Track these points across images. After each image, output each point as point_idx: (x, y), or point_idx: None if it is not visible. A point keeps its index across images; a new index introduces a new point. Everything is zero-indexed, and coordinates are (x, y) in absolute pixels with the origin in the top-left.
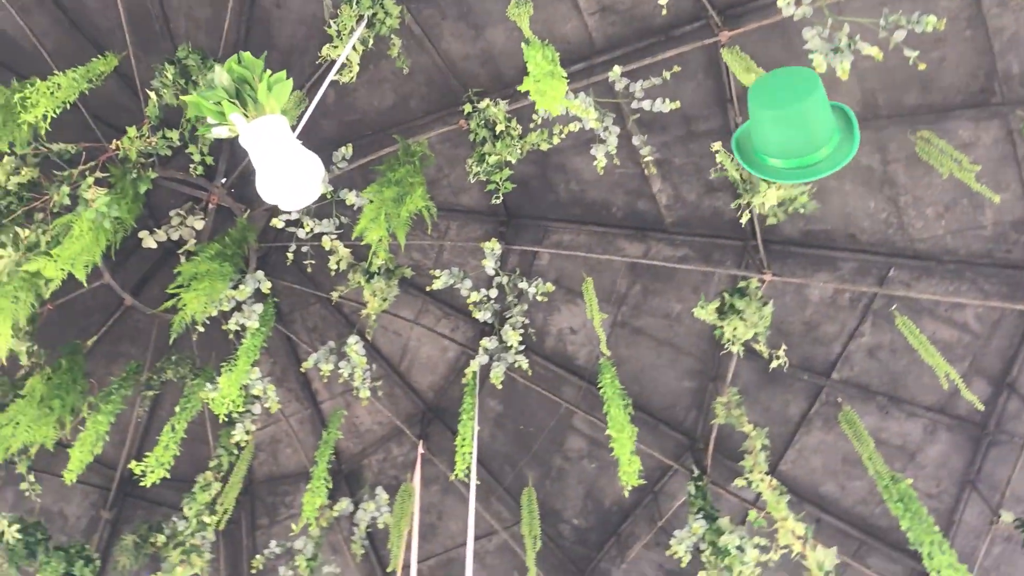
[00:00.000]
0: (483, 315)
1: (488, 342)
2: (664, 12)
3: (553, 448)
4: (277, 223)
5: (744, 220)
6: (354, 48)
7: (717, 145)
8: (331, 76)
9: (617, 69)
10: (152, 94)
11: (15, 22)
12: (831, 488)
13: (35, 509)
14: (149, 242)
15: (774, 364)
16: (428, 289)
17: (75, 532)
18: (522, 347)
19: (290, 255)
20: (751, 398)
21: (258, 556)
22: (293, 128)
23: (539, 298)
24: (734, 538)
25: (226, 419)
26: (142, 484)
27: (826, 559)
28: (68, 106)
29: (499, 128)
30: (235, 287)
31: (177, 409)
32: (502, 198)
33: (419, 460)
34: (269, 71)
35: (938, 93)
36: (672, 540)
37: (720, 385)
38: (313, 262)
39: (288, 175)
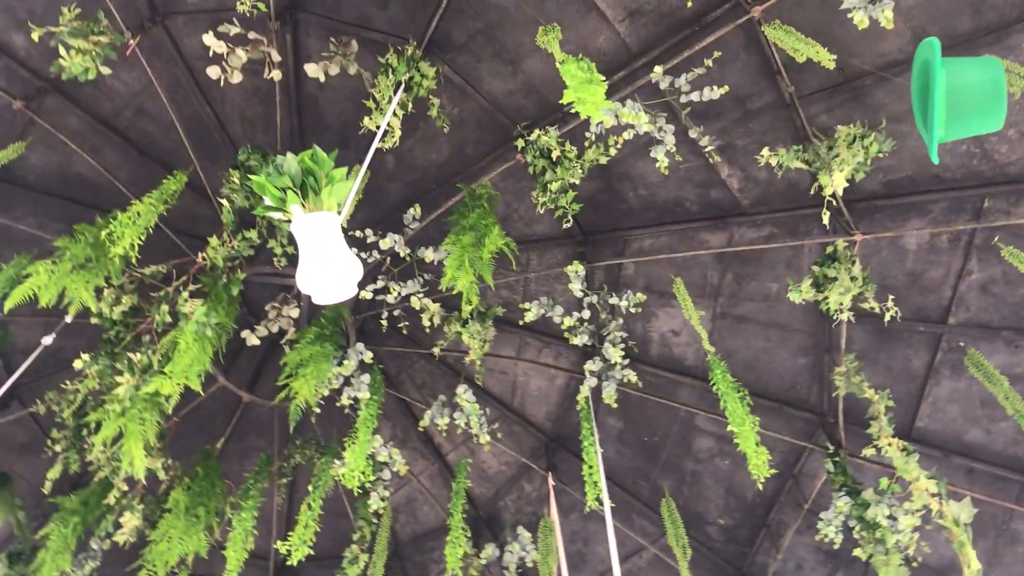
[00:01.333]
0: (579, 339)
1: (592, 364)
2: (690, 3)
3: (682, 453)
4: (366, 295)
5: (827, 192)
6: (394, 114)
7: (766, 152)
8: (375, 145)
9: (658, 69)
10: (224, 201)
11: (89, 164)
12: (977, 435)
13: None
14: (252, 340)
15: (887, 317)
16: (521, 323)
17: None
18: (626, 361)
19: (384, 322)
20: (870, 361)
21: None
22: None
23: (633, 310)
24: (882, 509)
25: (360, 491)
26: (288, 564)
27: (962, 512)
28: (156, 226)
29: (555, 154)
30: (339, 364)
31: (310, 488)
32: (573, 220)
33: (551, 492)
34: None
35: (991, 12)
36: (819, 524)
37: (836, 355)
38: (407, 323)
39: (330, 272)
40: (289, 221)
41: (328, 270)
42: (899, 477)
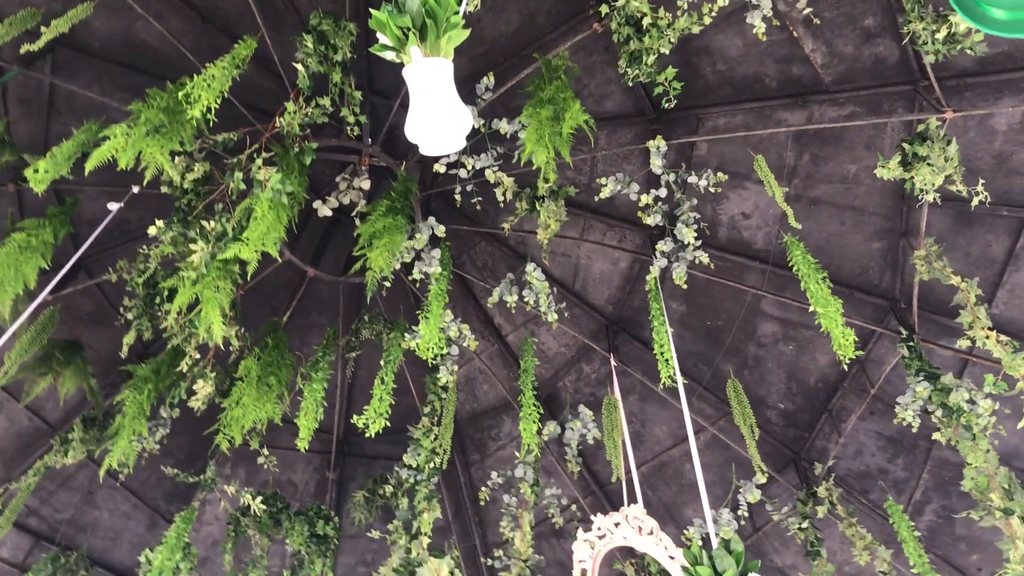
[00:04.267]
0: (652, 219)
1: (664, 244)
2: None
3: (745, 337)
4: (439, 168)
5: (923, 55)
6: None
7: None
8: (463, 8)
9: None
10: (299, 66)
11: (153, 31)
12: None
13: (268, 482)
14: (324, 210)
15: (975, 202)
16: (597, 199)
17: (305, 497)
18: (699, 242)
19: (458, 197)
20: (948, 245)
21: (483, 489)
22: None
23: (712, 189)
24: (963, 393)
25: (432, 364)
26: (367, 436)
27: None
28: (223, 96)
29: (646, 22)
30: (410, 237)
31: (382, 363)
32: (646, 97)
33: (614, 373)
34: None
35: None
36: (897, 408)
37: (913, 239)
38: (480, 198)
39: (440, 121)
40: (402, 64)
41: (440, 119)
42: (1005, 374)
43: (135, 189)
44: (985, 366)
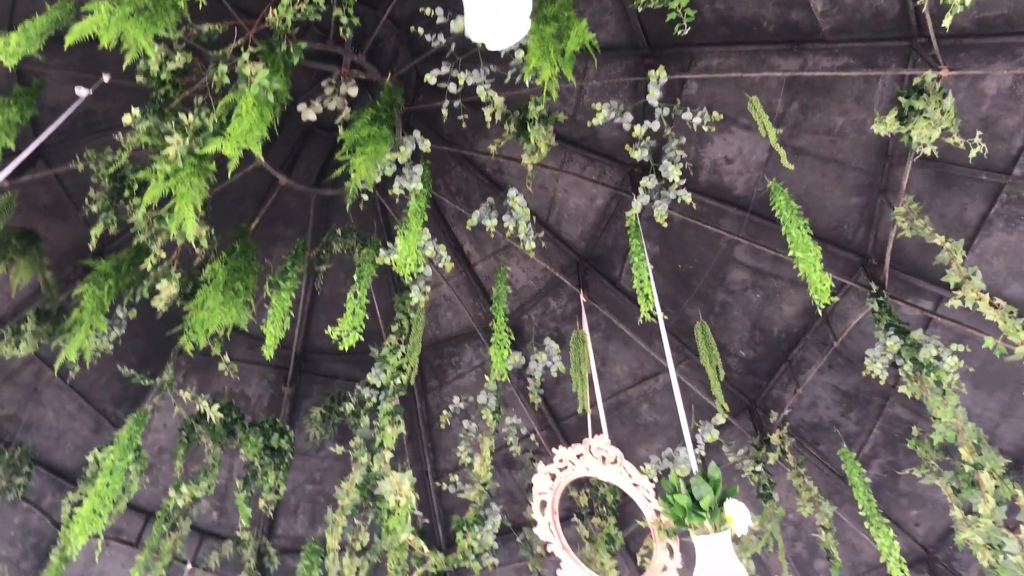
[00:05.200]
0: (639, 153)
1: (648, 181)
2: None
3: (715, 283)
4: (430, 78)
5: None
6: None
7: None
8: None
9: None
10: None
11: None
12: (1017, 290)
13: (224, 391)
14: (308, 114)
15: (972, 153)
16: (589, 124)
17: (258, 410)
18: (683, 181)
19: (445, 112)
20: (924, 206)
21: (445, 412)
22: None
23: (706, 128)
24: (931, 349)
25: (406, 284)
26: (327, 352)
27: None
28: None
29: None
30: (394, 150)
31: (355, 277)
32: (641, 30)
33: (583, 308)
34: None
35: None
36: (866, 361)
37: (892, 197)
38: (466, 116)
39: (498, 7)
40: None
41: (497, 5)
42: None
43: (106, 77)
44: (947, 326)
